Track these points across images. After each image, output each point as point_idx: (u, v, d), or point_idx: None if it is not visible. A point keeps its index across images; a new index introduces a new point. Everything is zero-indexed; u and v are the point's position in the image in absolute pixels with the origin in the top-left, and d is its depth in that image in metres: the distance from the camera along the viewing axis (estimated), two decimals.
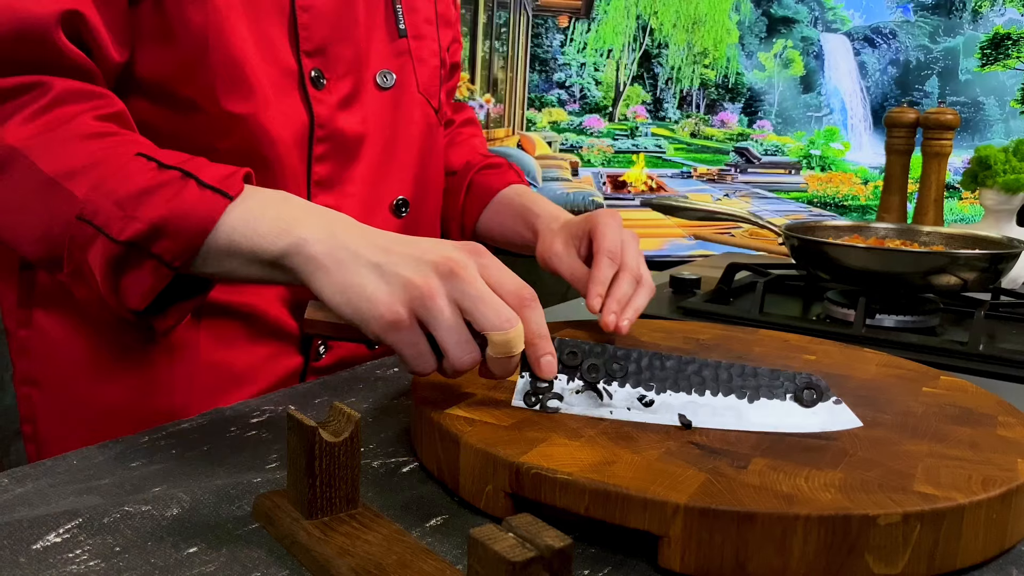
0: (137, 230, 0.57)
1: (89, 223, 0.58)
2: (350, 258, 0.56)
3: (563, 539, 0.35)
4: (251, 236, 0.57)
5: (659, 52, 2.14)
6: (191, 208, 0.57)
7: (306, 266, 0.56)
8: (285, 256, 0.57)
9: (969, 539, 0.46)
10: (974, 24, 1.89)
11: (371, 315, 0.54)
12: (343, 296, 0.55)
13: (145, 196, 0.58)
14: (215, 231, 0.58)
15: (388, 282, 0.54)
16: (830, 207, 2.05)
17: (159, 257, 0.58)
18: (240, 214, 0.58)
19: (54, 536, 0.47)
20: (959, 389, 0.67)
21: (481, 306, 0.53)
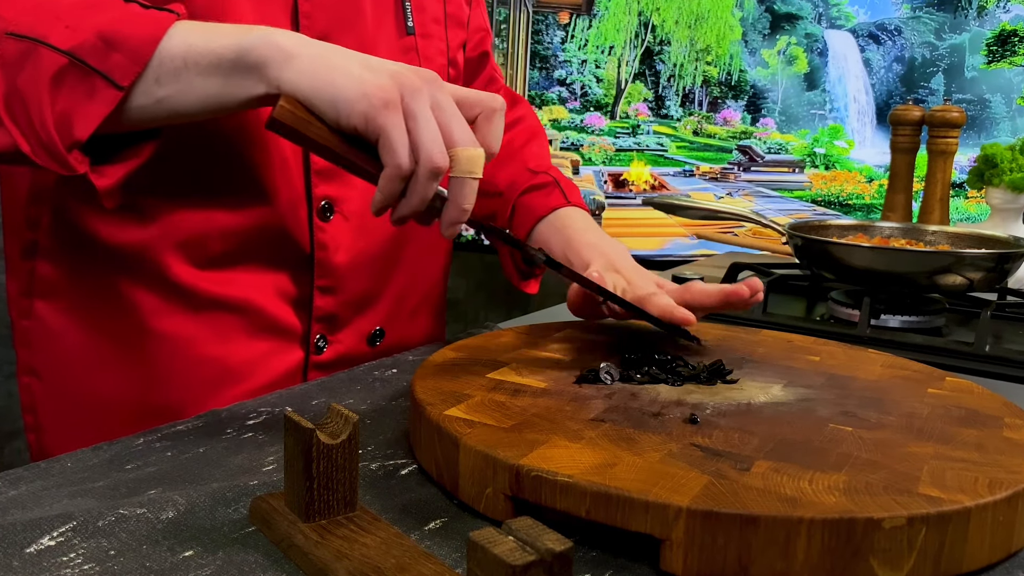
0: (83, 39, 0.53)
1: (24, 37, 0.54)
2: (328, 51, 0.54)
3: (564, 542, 0.35)
4: (211, 38, 0.55)
5: (661, 49, 2.14)
6: (139, 19, 0.55)
7: (276, 55, 0.54)
8: (251, 50, 0.54)
9: (975, 542, 0.46)
10: (980, 20, 1.89)
11: (359, 93, 0.52)
12: (325, 80, 0.53)
13: (87, 10, 0.55)
14: (168, 39, 0.55)
15: (374, 71, 0.54)
16: (834, 206, 2.06)
17: (106, 75, 0.54)
18: (195, 25, 0.56)
19: (48, 539, 0.47)
20: (965, 390, 0.67)
21: (453, 120, 0.54)
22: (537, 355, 0.70)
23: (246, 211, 0.73)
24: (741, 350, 0.75)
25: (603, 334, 0.78)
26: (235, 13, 0.69)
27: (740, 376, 0.67)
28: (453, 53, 0.89)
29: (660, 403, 0.60)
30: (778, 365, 0.71)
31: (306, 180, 0.76)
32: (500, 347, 0.72)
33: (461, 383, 0.63)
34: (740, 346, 0.76)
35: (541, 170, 0.94)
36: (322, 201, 0.76)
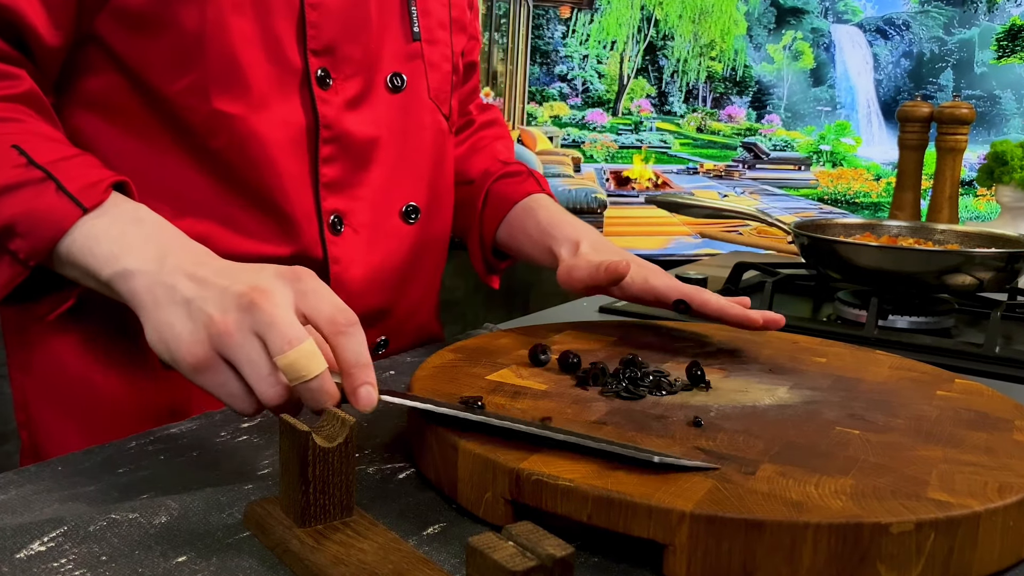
0: None
1: None
2: (165, 295, 0.56)
3: (565, 548, 0.35)
4: (87, 255, 0.59)
5: (664, 44, 2.15)
6: (45, 213, 0.59)
7: (130, 299, 0.58)
8: (112, 282, 0.59)
9: (985, 548, 0.46)
10: (989, 15, 1.89)
11: (179, 357, 0.54)
12: (157, 335, 0.55)
13: (5, 193, 0.60)
14: (63, 240, 0.60)
15: (193, 320, 0.54)
16: (841, 204, 2.05)
17: (14, 254, 0.60)
18: (86, 230, 0.60)
19: (38, 545, 0.47)
20: (974, 392, 0.67)
21: (269, 332, 0.52)
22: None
23: (259, 228, 0.75)
24: (746, 351, 0.75)
25: (604, 334, 0.78)
26: (239, 30, 0.70)
27: (744, 378, 0.67)
28: (456, 59, 0.89)
29: (663, 406, 0.60)
30: (784, 366, 0.71)
31: (315, 195, 0.76)
32: (500, 348, 0.72)
33: (460, 385, 0.63)
34: (745, 347, 0.76)
35: (512, 162, 0.98)
36: (331, 215, 0.77)
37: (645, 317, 1.02)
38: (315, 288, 0.55)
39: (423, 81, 0.83)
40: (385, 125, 0.80)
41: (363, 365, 0.53)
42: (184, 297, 0.55)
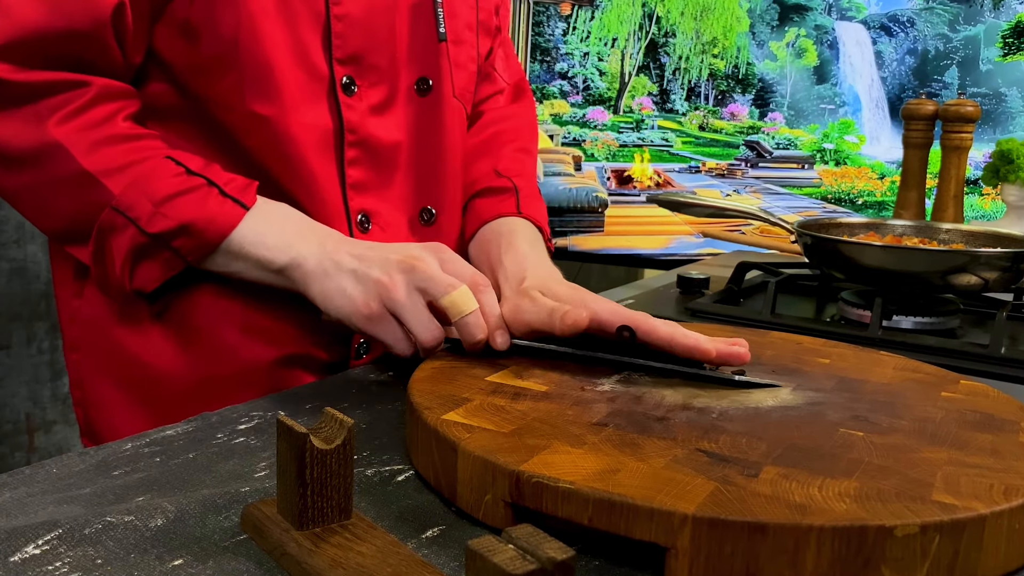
0: (166, 226, 0.70)
1: (122, 214, 0.69)
2: (334, 268, 0.70)
3: (565, 551, 0.35)
4: (259, 248, 0.72)
5: (666, 41, 2.14)
6: (215, 214, 0.71)
7: (303, 278, 0.71)
8: (286, 269, 0.71)
9: (990, 550, 0.46)
10: (995, 12, 1.89)
11: (352, 311, 0.69)
12: (330, 300, 0.70)
13: (176, 198, 0.70)
14: (230, 237, 0.71)
15: (362, 283, 0.69)
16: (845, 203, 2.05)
17: (177, 251, 0.71)
18: (252, 226, 0.72)
19: (32, 548, 0.47)
20: (980, 394, 0.67)
21: (430, 283, 0.68)
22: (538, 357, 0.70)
23: None
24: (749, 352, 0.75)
25: None
26: (270, 36, 0.75)
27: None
28: (481, 60, 0.93)
29: (665, 407, 0.60)
30: (787, 367, 0.71)
31: (343, 195, 0.81)
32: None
33: (459, 386, 0.63)
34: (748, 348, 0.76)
35: (507, 175, 0.95)
36: (359, 214, 0.82)
37: None
38: (453, 257, 0.71)
39: (448, 82, 0.86)
40: (409, 129, 0.84)
41: (499, 315, 0.70)
42: (350, 268, 0.70)
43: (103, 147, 0.70)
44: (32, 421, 1.69)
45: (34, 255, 1.65)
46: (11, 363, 1.65)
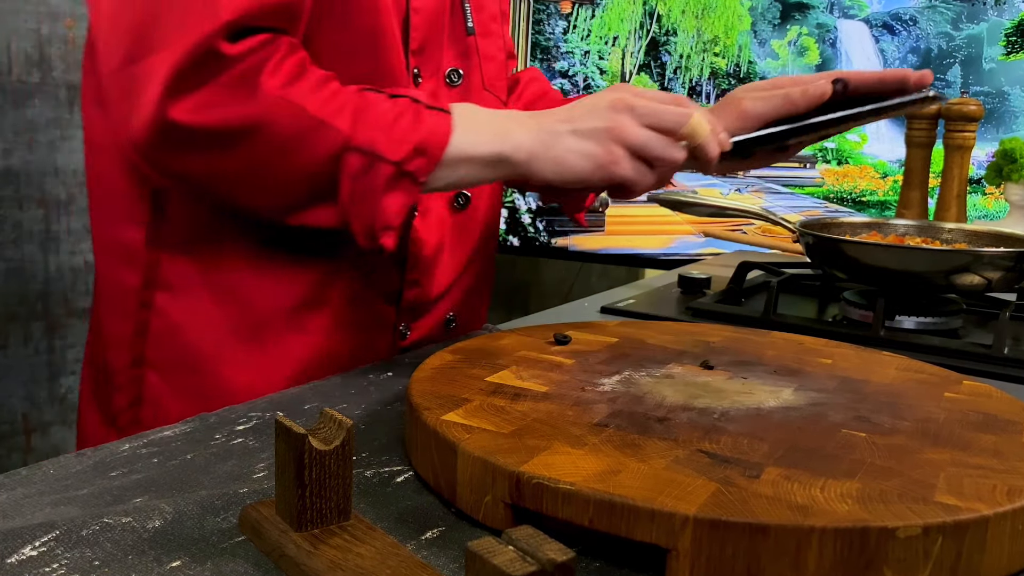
0: (407, 150, 0.70)
1: (363, 152, 0.70)
2: (552, 139, 0.74)
3: (566, 552, 0.35)
4: (477, 146, 0.74)
5: (667, 40, 2.14)
6: (433, 127, 0.72)
7: (525, 159, 0.74)
8: (506, 156, 0.74)
9: (994, 552, 0.46)
10: (998, 10, 1.89)
11: (593, 166, 0.74)
12: (565, 166, 0.74)
13: (397, 122, 0.71)
14: (449, 147, 0.72)
15: (587, 138, 0.74)
16: (847, 203, 2.05)
17: (413, 174, 0.71)
18: (461, 130, 0.73)
19: (30, 549, 0.47)
20: (983, 394, 0.67)
21: (661, 117, 0.74)
22: (538, 358, 0.71)
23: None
24: (750, 352, 0.75)
25: (606, 334, 0.78)
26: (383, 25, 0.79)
27: (749, 379, 0.67)
28: (508, 47, 0.99)
29: (666, 408, 0.60)
30: (789, 368, 0.71)
31: None
32: (500, 349, 0.72)
33: (459, 387, 0.63)
34: (749, 348, 0.76)
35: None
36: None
37: (647, 317, 1.02)
38: (644, 89, 0.77)
39: (478, 73, 0.91)
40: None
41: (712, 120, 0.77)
42: (568, 130, 0.74)
43: (315, 92, 0.70)
44: (29, 422, 1.69)
45: (31, 255, 1.65)
46: (8, 363, 1.65)
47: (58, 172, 1.67)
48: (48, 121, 1.64)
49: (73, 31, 1.66)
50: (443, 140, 0.72)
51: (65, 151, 1.67)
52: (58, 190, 1.67)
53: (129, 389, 0.82)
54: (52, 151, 1.66)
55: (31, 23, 1.60)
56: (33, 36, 1.61)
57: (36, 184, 1.64)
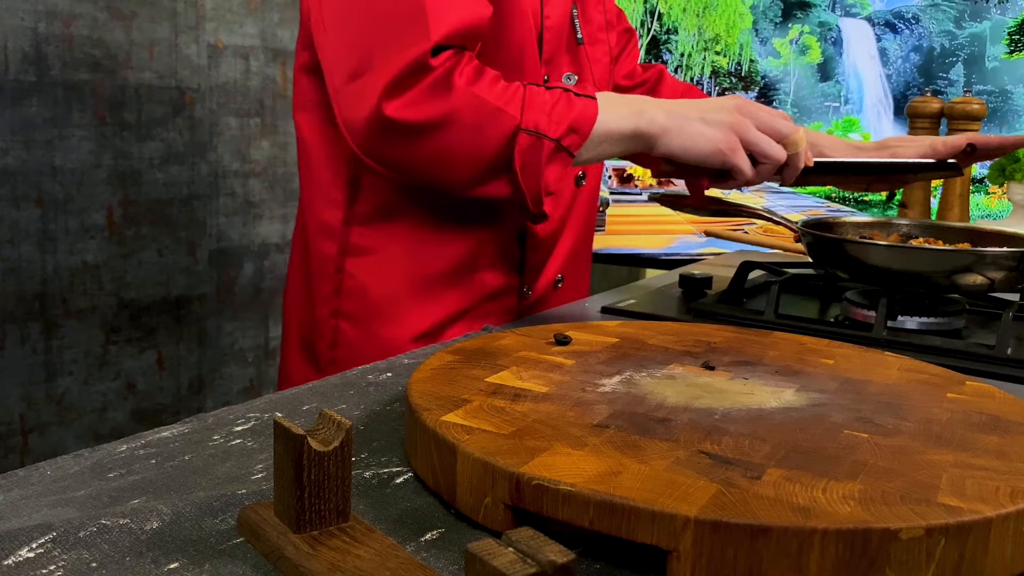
0: (563, 129, 0.87)
1: (530, 132, 0.87)
2: (684, 120, 0.91)
3: (566, 554, 0.35)
4: (619, 123, 0.90)
5: (668, 38, 2.14)
6: (583, 110, 0.89)
7: (661, 134, 0.91)
8: (642, 130, 0.90)
9: (997, 554, 0.46)
10: (1001, 8, 1.89)
11: (714, 149, 0.91)
12: (692, 143, 0.91)
13: (555, 107, 0.88)
14: (596, 126, 0.89)
15: (715, 127, 0.91)
16: (849, 202, 2.05)
17: (568, 149, 0.88)
18: (605, 112, 0.90)
19: (26, 551, 0.47)
20: (986, 395, 0.67)
21: (774, 124, 0.93)
22: (538, 358, 0.71)
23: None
24: (752, 352, 0.75)
25: (607, 334, 0.78)
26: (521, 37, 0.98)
27: (750, 380, 0.67)
28: (614, 51, 1.18)
29: (667, 408, 0.60)
30: (790, 368, 0.71)
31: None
32: (500, 350, 0.72)
33: (459, 387, 0.63)
34: (751, 348, 0.76)
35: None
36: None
37: (647, 317, 1.02)
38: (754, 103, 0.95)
39: (589, 76, 1.10)
40: None
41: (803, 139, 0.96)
42: (698, 117, 0.91)
43: (494, 87, 0.88)
44: (26, 422, 1.69)
45: (28, 255, 1.65)
46: (4, 364, 1.65)
47: (55, 172, 1.67)
48: (45, 120, 1.64)
49: (71, 30, 1.66)
50: (591, 119, 0.88)
51: (63, 150, 1.67)
52: (55, 190, 1.67)
53: (329, 336, 1.03)
54: (49, 150, 1.66)
55: (28, 21, 1.60)
56: (30, 34, 1.61)
57: (33, 183, 1.64)
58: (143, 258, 1.81)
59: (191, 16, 1.83)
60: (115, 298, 1.78)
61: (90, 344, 1.75)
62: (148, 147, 1.79)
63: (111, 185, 1.74)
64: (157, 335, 1.85)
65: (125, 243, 1.78)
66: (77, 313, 1.73)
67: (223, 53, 1.89)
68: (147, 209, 1.80)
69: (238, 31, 1.92)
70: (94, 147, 1.71)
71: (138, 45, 1.75)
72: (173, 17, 1.79)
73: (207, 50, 1.86)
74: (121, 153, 1.75)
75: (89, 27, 1.68)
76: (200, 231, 1.90)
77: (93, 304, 1.75)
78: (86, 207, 1.71)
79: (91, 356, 1.75)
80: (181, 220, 1.86)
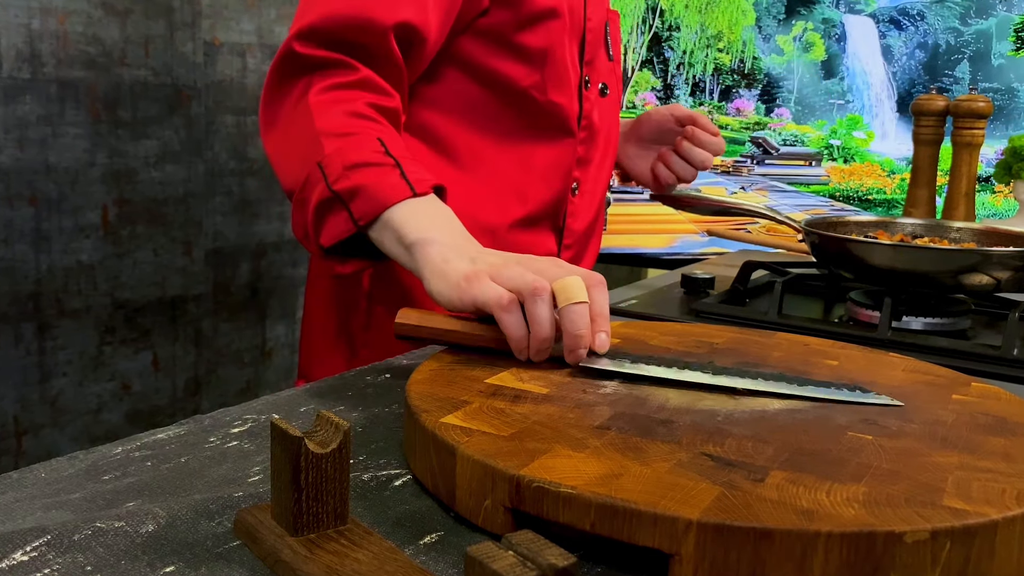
0: (344, 186, 0.79)
1: (321, 170, 0.80)
2: (456, 255, 0.73)
3: (567, 557, 0.35)
4: (405, 223, 0.77)
5: (670, 35, 2.14)
6: (386, 186, 0.78)
7: (422, 261, 0.74)
8: (414, 246, 0.75)
9: (1003, 557, 0.46)
10: (1007, 5, 1.89)
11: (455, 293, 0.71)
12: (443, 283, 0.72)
13: (362, 167, 0.79)
14: (391, 210, 0.77)
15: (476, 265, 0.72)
16: (853, 201, 2.05)
17: (351, 212, 0.79)
18: (410, 207, 0.78)
19: (21, 554, 0.47)
20: (992, 396, 0.67)
21: (544, 271, 0.69)
22: None
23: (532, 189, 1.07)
24: (755, 353, 0.75)
25: None
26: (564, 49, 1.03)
27: None
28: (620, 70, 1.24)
29: (669, 410, 0.60)
30: (795, 370, 0.71)
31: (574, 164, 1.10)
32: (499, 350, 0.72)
33: (458, 389, 0.63)
34: (754, 349, 0.76)
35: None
36: (574, 182, 1.11)
37: (649, 318, 1.02)
38: (562, 262, 0.73)
39: (616, 88, 1.17)
40: (603, 119, 1.13)
41: (605, 316, 0.70)
42: (471, 256, 0.73)
43: (336, 115, 0.84)
44: (20, 424, 1.69)
45: (22, 254, 1.65)
46: None
47: (49, 170, 1.67)
48: (39, 118, 1.64)
49: (65, 26, 1.66)
50: (386, 200, 0.77)
51: (57, 148, 1.67)
52: (49, 188, 1.67)
53: (362, 319, 1.06)
54: (43, 148, 1.65)
55: (22, 18, 1.60)
56: (24, 31, 1.61)
57: (27, 182, 1.64)
58: (138, 258, 1.81)
59: (187, 13, 1.82)
60: (110, 298, 1.78)
61: (85, 345, 1.75)
62: (143, 145, 1.79)
63: (106, 184, 1.74)
64: (152, 336, 1.85)
65: (120, 242, 1.78)
66: (71, 313, 1.73)
67: (219, 50, 1.89)
68: (142, 208, 1.80)
69: (235, 28, 1.91)
70: (89, 145, 1.71)
71: (133, 42, 1.75)
72: (169, 14, 1.79)
73: (203, 47, 1.86)
74: (116, 151, 1.75)
75: (84, 24, 1.68)
76: (196, 230, 1.89)
77: (88, 304, 1.74)
78: (81, 206, 1.71)
79: (86, 357, 1.75)
80: (177, 219, 1.86)
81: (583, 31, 1.06)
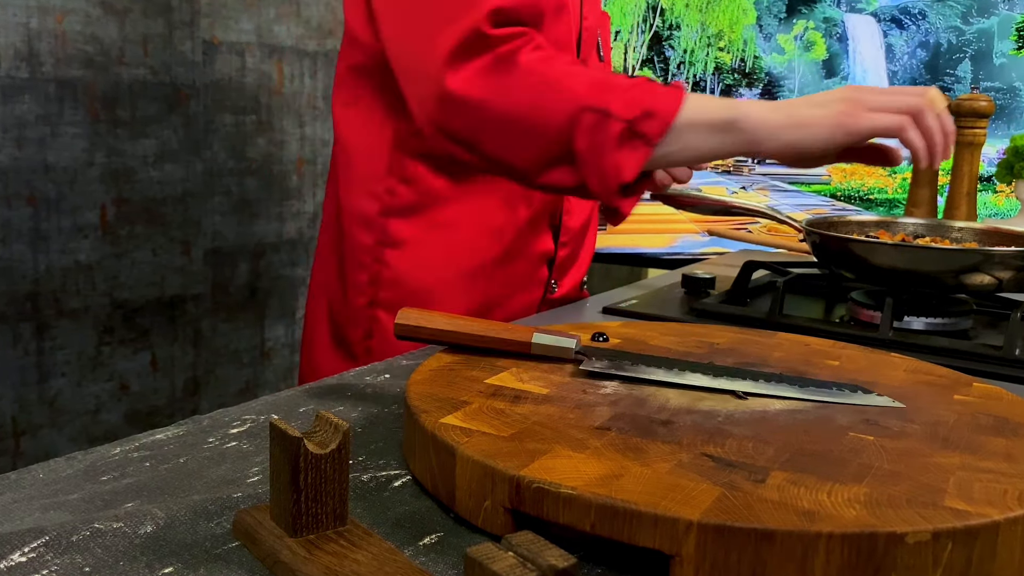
0: (636, 112, 0.84)
1: (595, 110, 0.84)
2: (785, 106, 0.86)
3: (567, 558, 0.35)
4: (708, 112, 0.85)
5: (670, 34, 2.14)
6: (664, 95, 0.86)
7: (756, 125, 0.85)
8: (735, 120, 0.85)
9: (1005, 558, 0.46)
10: (1009, 3, 1.89)
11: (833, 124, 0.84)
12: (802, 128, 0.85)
13: (630, 91, 0.85)
14: (680, 113, 0.84)
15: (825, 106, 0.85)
16: (855, 201, 2.05)
17: (645, 135, 0.84)
18: (692, 103, 0.85)
19: (19, 555, 0.47)
20: (993, 397, 0.67)
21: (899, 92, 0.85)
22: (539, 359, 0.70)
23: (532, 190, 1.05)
24: (756, 354, 0.75)
25: (607, 337, 0.78)
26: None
27: None
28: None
29: (669, 410, 0.60)
30: (795, 370, 0.71)
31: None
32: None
33: (458, 389, 0.63)
34: (755, 350, 0.76)
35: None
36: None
37: (649, 318, 1.02)
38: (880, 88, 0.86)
39: None
40: None
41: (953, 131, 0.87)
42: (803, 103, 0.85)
43: (561, 66, 0.88)
44: (18, 425, 1.69)
45: (20, 254, 1.65)
46: None
47: (48, 169, 1.67)
48: (37, 117, 1.64)
49: (64, 25, 1.66)
50: (674, 106, 0.84)
51: (55, 148, 1.67)
52: (47, 188, 1.67)
53: (364, 324, 1.06)
54: (42, 148, 1.65)
55: (20, 17, 1.60)
56: (22, 30, 1.61)
57: (25, 182, 1.64)
58: (137, 257, 1.81)
59: (186, 12, 1.82)
60: (108, 298, 1.78)
61: (83, 345, 1.75)
62: (142, 145, 1.78)
63: (104, 183, 1.74)
64: (151, 336, 1.85)
65: (119, 242, 1.78)
66: (70, 313, 1.73)
67: (218, 49, 1.89)
68: (141, 208, 1.80)
69: (234, 27, 1.91)
70: (87, 145, 1.71)
71: (132, 41, 1.75)
72: (168, 13, 1.79)
73: (202, 46, 1.86)
74: (114, 151, 1.75)
75: (82, 23, 1.68)
76: (195, 230, 1.89)
77: (86, 304, 1.74)
78: (79, 206, 1.71)
79: (84, 357, 1.75)
80: (175, 219, 1.86)
81: (579, 31, 1.07)
